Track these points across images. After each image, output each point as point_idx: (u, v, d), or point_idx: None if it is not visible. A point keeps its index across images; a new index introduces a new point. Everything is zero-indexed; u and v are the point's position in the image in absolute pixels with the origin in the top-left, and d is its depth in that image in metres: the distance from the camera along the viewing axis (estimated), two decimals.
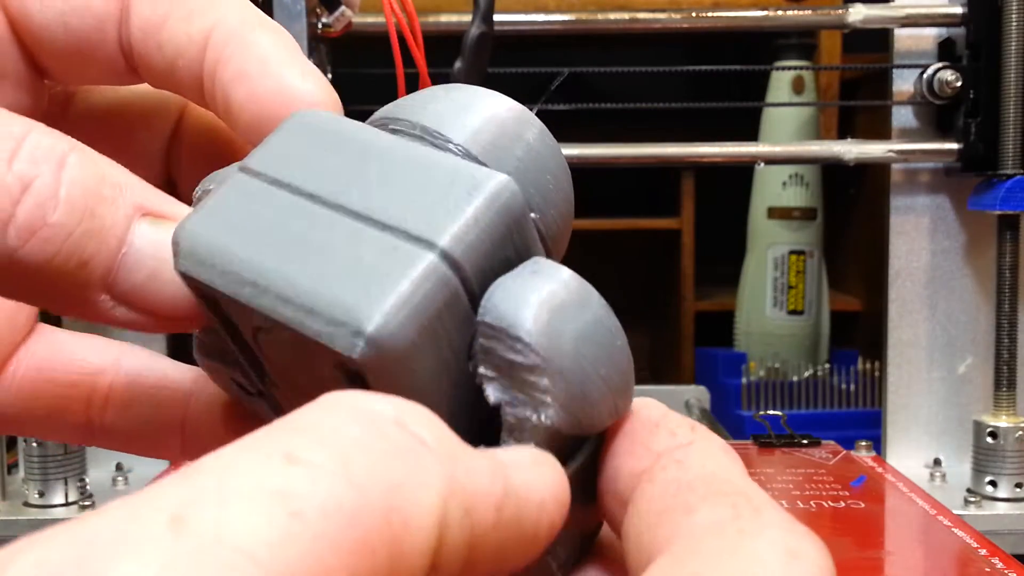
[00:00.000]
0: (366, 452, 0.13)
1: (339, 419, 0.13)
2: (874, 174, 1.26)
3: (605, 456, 0.18)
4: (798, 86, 1.38)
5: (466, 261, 0.16)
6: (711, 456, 0.17)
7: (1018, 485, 0.66)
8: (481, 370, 0.17)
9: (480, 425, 0.17)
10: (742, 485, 0.16)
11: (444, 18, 0.71)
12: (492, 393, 0.17)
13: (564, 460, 0.17)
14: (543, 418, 0.17)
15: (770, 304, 1.45)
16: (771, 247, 1.45)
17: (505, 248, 0.17)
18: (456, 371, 0.17)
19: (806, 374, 1.27)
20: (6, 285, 0.18)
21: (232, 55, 0.20)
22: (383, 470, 0.13)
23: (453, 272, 0.16)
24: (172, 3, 0.21)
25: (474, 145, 0.18)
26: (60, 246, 0.18)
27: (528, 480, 0.15)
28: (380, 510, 0.12)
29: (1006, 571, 0.46)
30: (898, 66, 0.73)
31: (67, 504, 0.66)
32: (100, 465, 0.71)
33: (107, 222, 0.18)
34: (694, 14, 0.73)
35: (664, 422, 0.18)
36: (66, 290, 0.18)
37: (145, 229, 0.19)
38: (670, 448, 0.17)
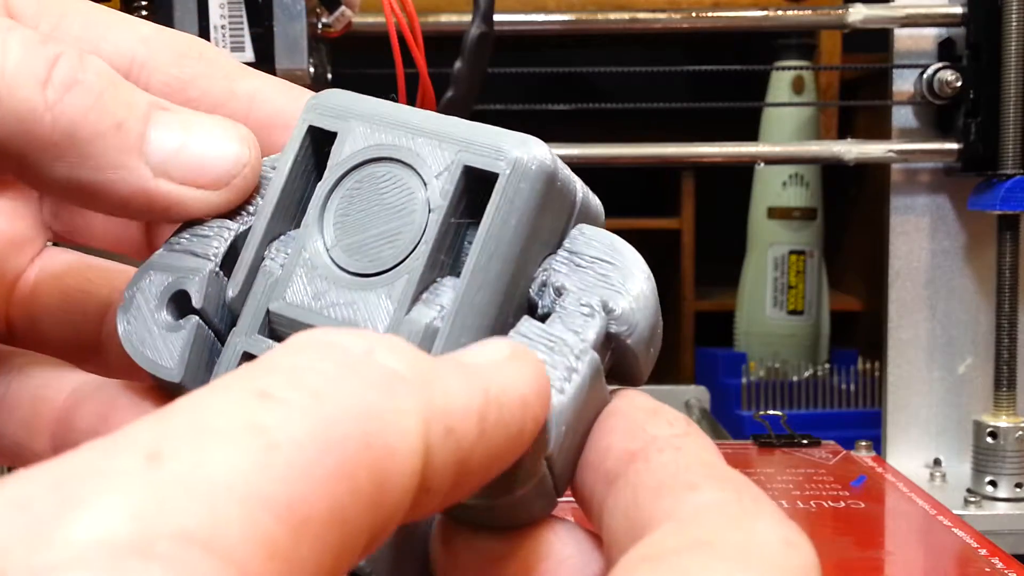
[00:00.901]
0: (338, 385, 0.13)
1: (311, 357, 0.14)
2: (874, 174, 1.26)
3: (596, 434, 0.18)
4: (798, 86, 1.38)
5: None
6: (707, 448, 0.18)
7: (1018, 485, 0.66)
8: (562, 255, 0.19)
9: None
10: (740, 476, 0.17)
11: (444, 18, 0.71)
12: (562, 278, 0.19)
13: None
14: (611, 304, 0.18)
15: (770, 304, 1.45)
16: (771, 247, 1.44)
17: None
18: (540, 244, 0.19)
19: (806, 374, 1.27)
20: (52, 155, 0.19)
21: None
22: (357, 401, 0.13)
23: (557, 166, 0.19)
24: None
25: None
26: (94, 101, 0.19)
27: (507, 381, 0.16)
28: (357, 438, 0.13)
29: (1006, 571, 0.46)
30: (898, 66, 0.73)
31: None
32: None
33: (132, 96, 0.20)
34: (694, 14, 0.73)
35: (662, 411, 0.18)
36: (107, 154, 0.19)
37: (163, 114, 0.20)
38: (667, 435, 0.18)
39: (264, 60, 0.60)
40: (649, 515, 0.16)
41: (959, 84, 0.69)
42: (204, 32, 0.60)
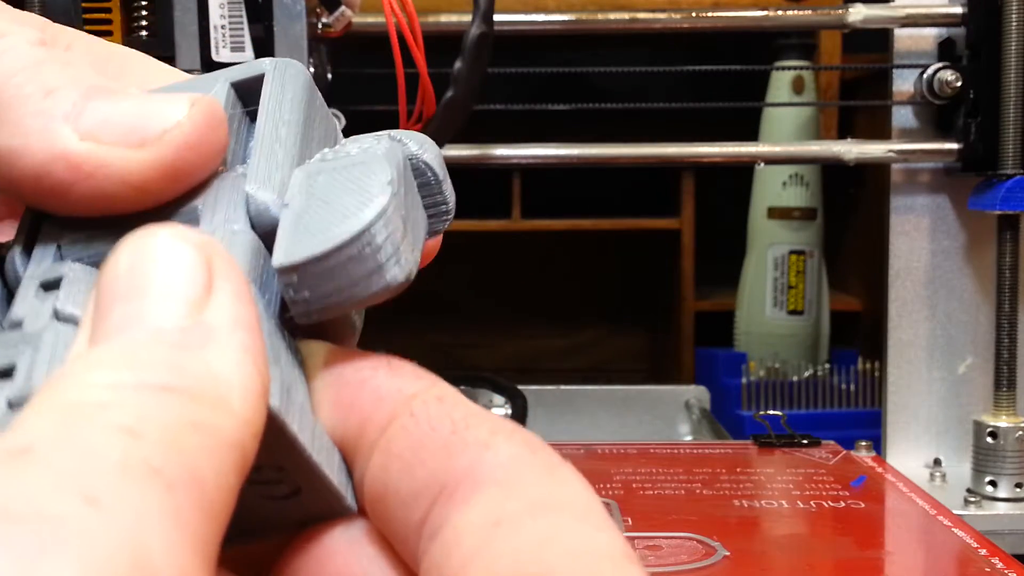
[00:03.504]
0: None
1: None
2: (874, 174, 1.26)
3: (339, 405, 0.18)
4: (798, 86, 1.38)
5: None
6: (461, 397, 0.18)
7: (1018, 485, 0.66)
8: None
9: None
10: (504, 421, 0.17)
11: (444, 18, 0.71)
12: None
13: None
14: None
15: (770, 304, 1.44)
16: (771, 247, 1.44)
17: None
18: (317, 139, 0.21)
19: (806, 374, 1.27)
20: None
21: None
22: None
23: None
24: None
25: None
26: (27, 65, 0.18)
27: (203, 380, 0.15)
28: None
29: (1006, 571, 0.46)
30: (898, 66, 0.73)
31: None
32: None
33: (85, 73, 0.19)
34: (694, 14, 0.73)
35: (400, 365, 0.18)
36: (27, 119, 0.18)
37: (115, 91, 0.19)
38: (424, 388, 0.17)
39: None
40: (444, 475, 0.16)
41: (959, 84, 0.69)
42: (204, 32, 0.60)
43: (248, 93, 0.20)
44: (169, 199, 0.18)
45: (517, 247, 1.48)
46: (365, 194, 0.17)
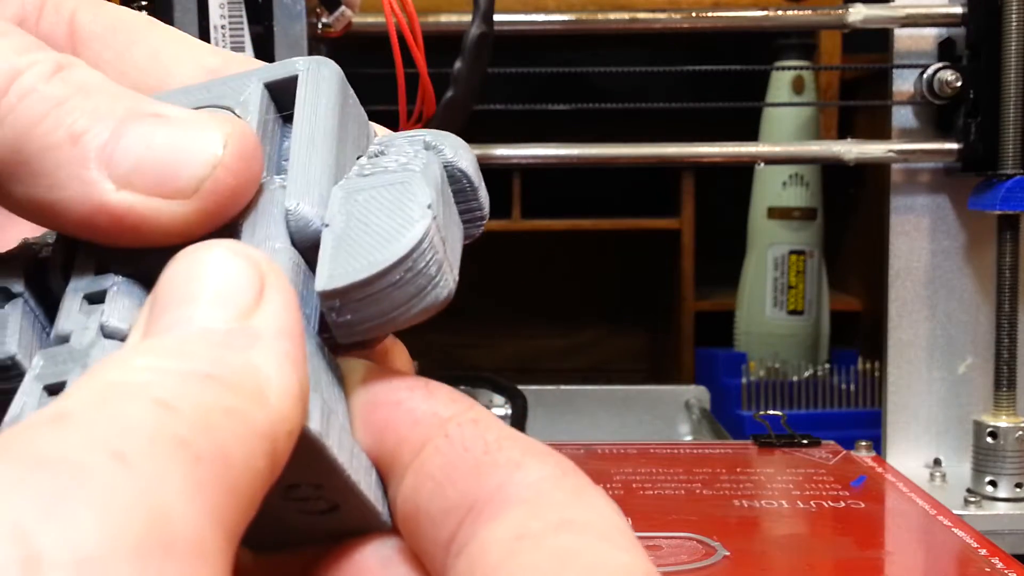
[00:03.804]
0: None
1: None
2: (874, 174, 1.26)
3: (373, 428, 0.18)
4: (798, 86, 1.38)
5: None
6: (494, 417, 0.18)
7: (1018, 485, 0.66)
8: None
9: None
10: (537, 443, 0.17)
11: (444, 18, 0.71)
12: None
13: None
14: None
15: (770, 304, 1.44)
16: (771, 247, 1.44)
17: None
18: (352, 140, 0.20)
19: (806, 374, 1.27)
20: (5, 173, 0.18)
21: None
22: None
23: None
24: None
25: None
26: (47, 110, 0.18)
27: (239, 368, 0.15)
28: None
29: (1006, 571, 0.46)
30: (898, 66, 0.73)
31: None
32: None
33: (106, 104, 0.18)
34: (694, 14, 0.73)
35: (430, 385, 0.18)
36: (60, 170, 0.17)
37: (142, 118, 0.18)
38: (460, 411, 0.18)
39: (264, 60, 0.60)
40: (474, 494, 0.16)
41: (959, 84, 0.69)
42: (204, 32, 0.60)
43: (282, 94, 0.20)
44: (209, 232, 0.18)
45: (517, 247, 1.48)
46: (406, 217, 0.17)
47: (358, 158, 0.20)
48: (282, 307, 0.16)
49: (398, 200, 0.18)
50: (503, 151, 0.72)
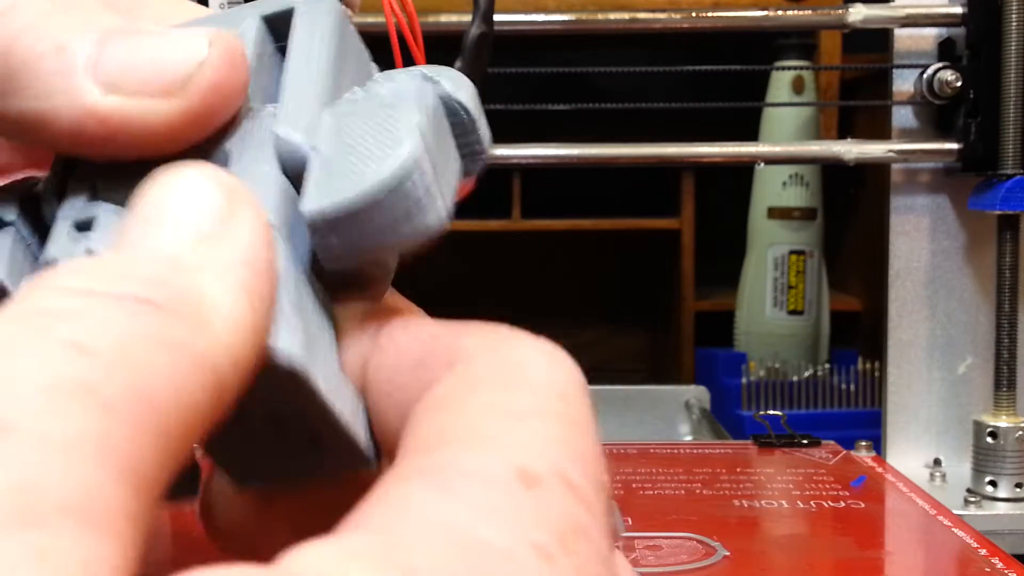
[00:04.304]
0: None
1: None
2: (874, 174, 1.26)
3: (360, 353, 0.18)
4: (798, 86, 1.38)
5: None
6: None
7: (1018, 485, 0.66)
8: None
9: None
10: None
11: (444, 18, 0.71)
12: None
13: None
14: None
15: (770, 304, 1.45)
16: (771, 247, 1.45)
17: None
18: (350, 75, 0.20)
19: (806, 374, 1.27)
20: None
21: None
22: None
23: None
24: None
25: None
26: (31, 22, 0.18)
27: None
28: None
29: (1006, 571, 0.46)
30: (898, 66, 0.73)
31: None
32: None
33: (89, 17, 0.18)
34: (694, 14, 0.73)
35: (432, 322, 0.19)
36: (46, 79, 0.17)
37: (125, 32, 0.18)
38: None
39: None
40: (431, 367, 0.17)
41: (959, 84, 0.69)
42: None
43: (279, 27, 0.20)
44: (200, 141, 0.18)
45: (517, 247, 1.48)
46: (393, 139, 0.17)
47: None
48: (248, 235, 0.15)
49: (387, 123, 0.17)
50: (503, 151, 0.72)
